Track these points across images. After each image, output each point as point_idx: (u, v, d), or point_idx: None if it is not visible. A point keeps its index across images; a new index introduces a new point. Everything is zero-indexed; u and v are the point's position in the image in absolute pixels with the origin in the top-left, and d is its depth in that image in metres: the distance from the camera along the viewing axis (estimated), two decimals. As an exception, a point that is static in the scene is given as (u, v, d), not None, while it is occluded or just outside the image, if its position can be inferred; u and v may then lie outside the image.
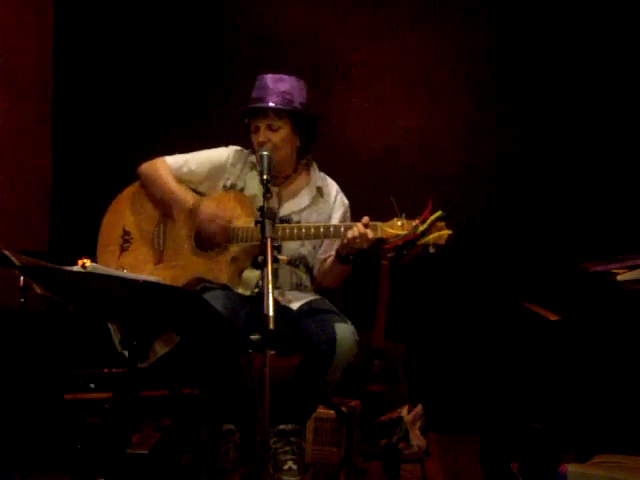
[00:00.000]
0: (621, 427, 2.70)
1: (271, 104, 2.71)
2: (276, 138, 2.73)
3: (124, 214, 2.87)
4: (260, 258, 2.12)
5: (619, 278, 2.69)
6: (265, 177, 2.39)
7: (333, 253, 2.74)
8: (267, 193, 2.33)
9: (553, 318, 3.02)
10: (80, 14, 4.04)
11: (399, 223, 2.51)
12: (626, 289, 2.67)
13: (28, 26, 3.88)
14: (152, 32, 4.01)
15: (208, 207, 2.74)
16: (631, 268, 2.71)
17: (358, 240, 2.52)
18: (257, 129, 2.74)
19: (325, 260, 2.83)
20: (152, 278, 2.41)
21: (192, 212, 2.75)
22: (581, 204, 3.71)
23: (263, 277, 2.05)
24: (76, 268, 2.39)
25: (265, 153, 2.51)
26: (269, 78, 2.76)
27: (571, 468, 2.36)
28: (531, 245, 3.74)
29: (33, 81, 3.93)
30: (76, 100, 4.04)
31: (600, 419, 2.75)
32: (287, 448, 2.59)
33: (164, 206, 2.82)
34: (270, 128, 2.73)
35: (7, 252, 2.13)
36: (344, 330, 2.55)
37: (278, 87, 2.73)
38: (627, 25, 3.69)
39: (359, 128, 3.92)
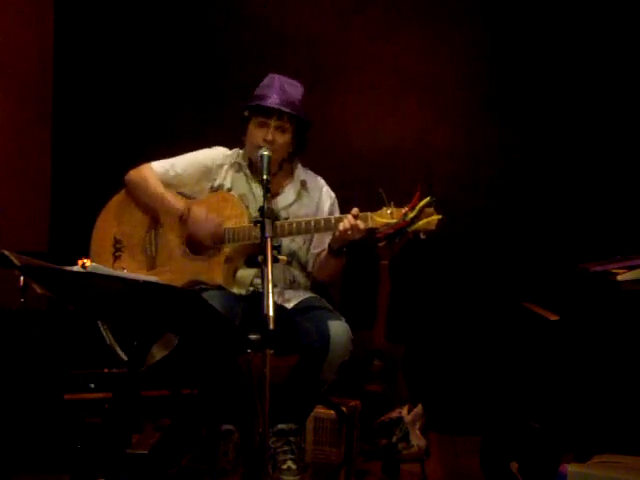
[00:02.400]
0: (621, 427, 2.70)
1: (287, 108, 2.72)
2: (281, 140, 2.75)
3: (113, 223, 2.89)
4: (260, 258, 2.13)
5: (619, 278, 2.69)
6: (265, 177, 2.40)
7: (326, 247, 2.75)
8: (267, 193, 2.34)
9: (553, 318, 3.02)
10: (80, 14, 4.04)
11: (388, 212, 2.52)
12: (626, 289, 2.67)
13: (28, 26, 3.87)
14: (152, 32, 4.01)
15: (198, 212, 2.74)
16: (631, 268, 2.71)
17: (350, 232, 2.54)
18: (264, 125, 2.74)
19: (319, 254, 2.84)
20: (152, 278, 2.41)
21: (182, 218, 2.76)
22: (581, 204, 3.71)
23: (263, 277, 2.05)
24: (76, 268, 2.39)
25: (265, 153, 2.52)
26: (281, 79, 2.78)
27: (571, 468, 2.36)
28: (531, 245, 3.74)
29: (33, 81, 3.93)
30: (76, 100, 4.03)
31: (600, 419, 2.75)
32: (286, 448, 2.59)
33: (153, 212, 2.83)
34: (278, 128, 2.74)
35: (7, 252, 2.13)
36: (338, 327, 2.56)
37: (291, 93, 2.76)
38: (627, 24, 3.69)
39: (359, 128, 3.92)
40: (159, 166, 2.85)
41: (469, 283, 3.81)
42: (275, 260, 2.15)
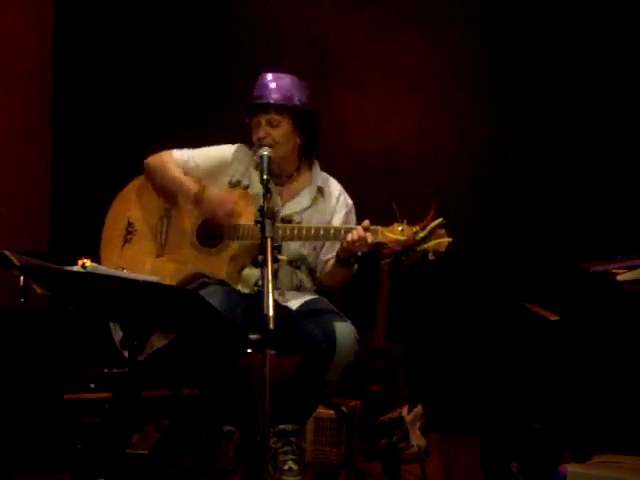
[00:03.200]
0: (621, 427, 2.70)
1: (270, 100, 2.72)
2: (276, 134, 2.74)
3: (130, 206, 2.89)
4: (260, 257, 2.13)
5: (619, 278, 2.69)
6: (265, 177, 2.40)
7: (335, 254, 2.74)
8: (267, 193, 2.34)
9: (553, 318, 3.02)
10: (80, 14, 4.04)
11: (399, 228, 2.51)
12: (626, 289, 2.67)
13: (28, 26, 3.87)
14: (152, 32, 4.01)
15: (214, 191, 2.75)
16: (631, 268, 2.71)
17: (357, 244, 2.53)
18: (258, 125, 2.75)
19: (328, 261, 2.83)
20: (152, 278, 2.42)
21: (198, 198, 2.76)
22: (581, 204, 3.71)
23: (263, 277, 2.05)
24: (76, 268, 2.39)
25: (265, 153, 2.52)
26: (270, 76, 2.78)
27: (571, 468, 2.36)
28: (531, 245, 3.74)
29: (33, 81, 3.93)
30: (76, 100, 4.03)
31: (600, 419, 2.75)
32: (287, 448, 2.59)
33: (169, 196, 2.83)
34: (270, 123, 2.74)
35: (7, 252, 2.13)
36: (344, 329, 2.56)
37: (279, 84, 2.75)
38: (627, 23, 3.69)
39: (360, 129, 3.92)
40: (179, 154, 2.86)
41: (469, 283, 3.80)
42: (275, 260, 2.15)
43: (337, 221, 2.85)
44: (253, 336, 2.27)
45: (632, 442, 2.61)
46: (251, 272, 2.76)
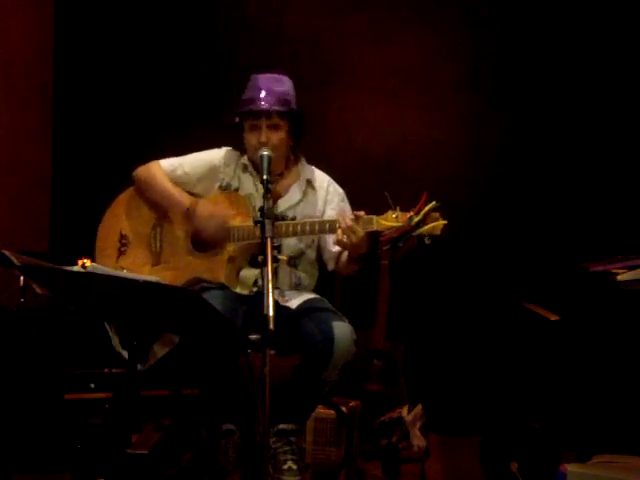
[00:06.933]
0: (621, 427, 2.70)
1: (274, 107, 2.71)
2: (276, 138, 2.74)
3: (120, 218, 2.89)
4: (260, 258, 2.13)
5: (619, 278, 2.69)
6: (265, 177, 2.39)
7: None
8: (267, 193, 2.33)
9: (553, 318, 3.02)
10: (80, 14, 4.04)
11: (394, 215, 2.51)
12: (626, 289, 2.67)
13: (28, 26, 3.88)
14: (152, 33, 4.01)
15: (205, 207, 2.75)
16: (631, 268, 2.71)
17: (347, 234, 2.52)
18: (256, 128, 2.74)
19: (339, 253, 2.81)
20: (152, 278, 2.41)
21: (188, 213, 2.76)
22: (581, 204, 3.71)
23: (263, 277, 2.05)
24: (76, 268, 2.39)
25: (265, 153, 2.51)
26: (265, 78, 2.77)
27: (571, 468, 2.36)
28: (531, 245, 3.74)
29: (33, 82, 3.93)
30: (76, 100, 4.04)
31: (600, 419, 2.76)
32: (287, 448, 2.59)
33: (160, 209, 2.83)
34: (271, 128, 2.74)
35: (7, 252, 2.13)
36: (342, 329, 2.55)
37: (275, 88, 2.74)
38: (627, 25, 3.70)
39: (359, 128, 3.92)
40: (167, 164, 2.85)
41: (469, 283, 3.80)
42: (275, 260, 2.15)
43: (331, 211, 2.85)
44: (253, 336, 2.28)
45: (632, 442, 2.61)
46: (249, 273, 2.76)
